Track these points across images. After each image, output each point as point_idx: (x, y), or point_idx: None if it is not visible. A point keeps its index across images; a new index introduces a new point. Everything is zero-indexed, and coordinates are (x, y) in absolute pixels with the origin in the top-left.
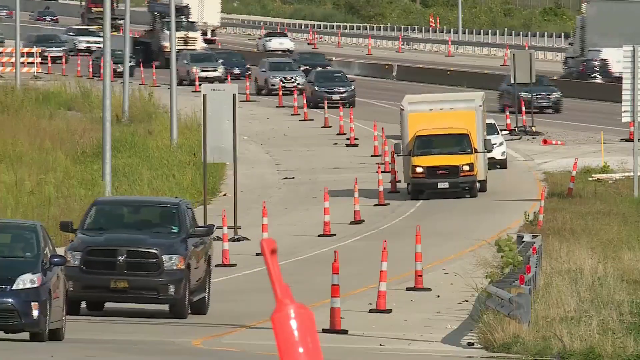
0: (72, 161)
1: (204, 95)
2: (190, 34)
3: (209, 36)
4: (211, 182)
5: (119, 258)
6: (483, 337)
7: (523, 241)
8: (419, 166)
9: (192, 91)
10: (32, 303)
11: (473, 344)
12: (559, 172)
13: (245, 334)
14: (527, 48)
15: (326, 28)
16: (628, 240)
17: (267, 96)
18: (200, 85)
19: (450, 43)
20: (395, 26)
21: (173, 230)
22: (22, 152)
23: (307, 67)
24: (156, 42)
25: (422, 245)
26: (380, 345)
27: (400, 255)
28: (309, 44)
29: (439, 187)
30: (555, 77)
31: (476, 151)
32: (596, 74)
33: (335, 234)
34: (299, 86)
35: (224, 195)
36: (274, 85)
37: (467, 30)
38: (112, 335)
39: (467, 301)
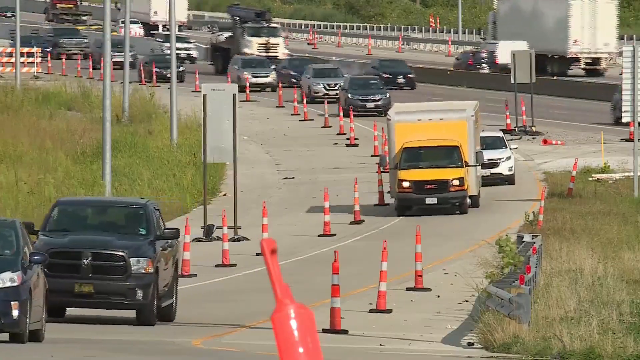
0: (72, 161)
1: (204, 95)
2: (272, 40)
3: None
4: (211, 182)
5: (84, 261)
6: (483, 337)
7: (523, 241)
8: (405, 180)
9: (192, 91)
10: (12, 302)
11: (473, 344)
12: (559, 172)
13: (245, 334)
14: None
15: (326, 28)
16: (628, 240)
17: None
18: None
19: (450, 43)
20: (395, 26)
21: (140, 232)
22: (22, 152)
23: (389, 76)
24: (236, 48)
25: (422, 245)
26: (380, 345)
27: (400, 255)
28: (309, 44)
29: (426, 202)
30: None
31: (467, 164)
32: (483, 65)
33: (335, 234)
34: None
35: (224, 195)
36: (317, 92)
37: (467, 30)
38: (112, 335)
39: (467, 301)
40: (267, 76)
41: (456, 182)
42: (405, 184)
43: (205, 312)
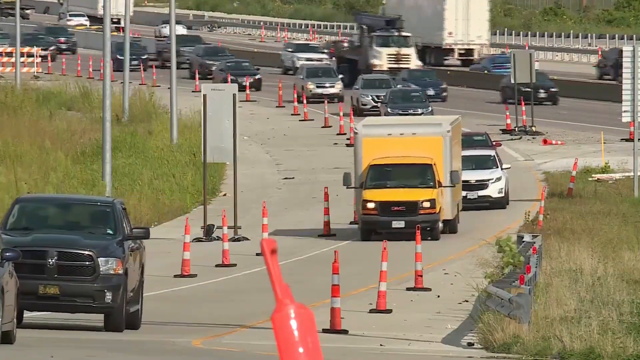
0: (72, 161)
1: (204, 95)
2: (403, 51)
3: None
4: (211, 182)
5: (49, 261)
6: (483, 337)
7: (523, 241)
8: (370, 201)
9: (192, 91)
10: None
11: (473, 344)
12: (559, 172)
13: (245, 334)
14: (527, 48)
15: (326, 28)
16: (628, 240)
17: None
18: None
19: None
20: None
21: (108, 232)
22: (22, 152)
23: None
24: (364, 59)
25: (422, 246)
26: (380, 345)
27: (400, 255)
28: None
29: (393, 226)
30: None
31: (441, 185)
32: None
33: (335, 234)
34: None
35: (224, 195)
36: (364, 105)
37: None
38: (112, 335)
39: (467, 301)
40: (332, 86)
41: (427, 204)
42: (370, 205)
43: (205, 312)
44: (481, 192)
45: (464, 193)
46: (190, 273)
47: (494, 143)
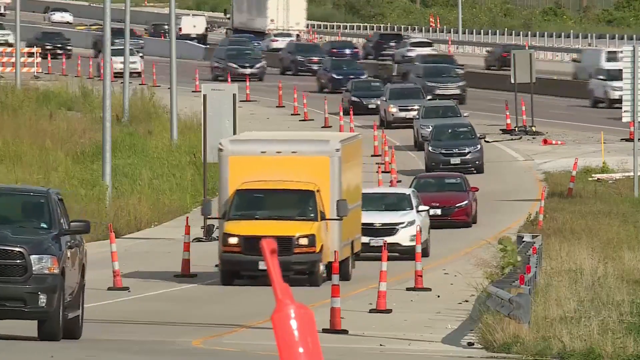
0: (72, 161)
1: (204, 95)
2: None
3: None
4: (211, 182)
5: None
6: (483, 337)
7: (523, 241)
8: (233, 235)
9: (192, 91)
10: None
11: (473, 344)
12: (559, 172)
13: (245, 334)
14: (527, 48)
15: (326, 28)
16: (628, 240)
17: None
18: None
19: (450, 43)
20: (395, 26)
21: (42, 226)
22: (22, 152)
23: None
24: None
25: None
26: (380, 345)
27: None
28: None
29: (260, 268)
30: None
31: (324, 218)
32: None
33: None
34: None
35: None
36: (392, 114)
37: (467, 30)
38: (112, 335)
39: (467, 301)
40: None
41: (304, 241)
42: (233, 241)
43: (205, 312)
44: (388, 239)
45: (365, 239)
46: (190, 273)
47: (470, 188)
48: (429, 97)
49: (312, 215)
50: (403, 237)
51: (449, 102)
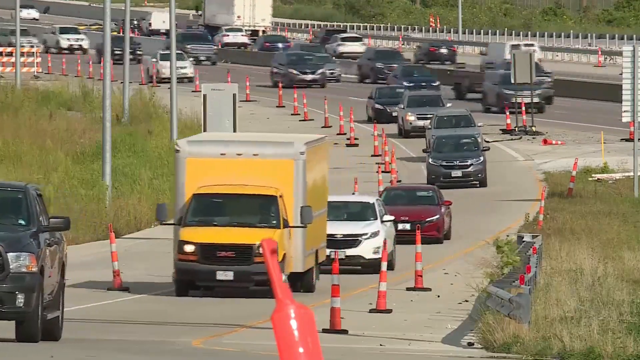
0: (72, 161)
1: (204, 95)
2: None
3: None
4: None
5: None
6: (483, 337)
7: (523, 241)
8: (189, 242)
9: (192, 91)
10: None
11: (473, 344)
12: (559, 172)
13: (245, 334)
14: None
15: (326, 28)
16: (628, 240)
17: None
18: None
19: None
20: (395, 26)
21: (20, 222)
22: (22, 152)
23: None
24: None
25: (422, 245)
26: (380, 345)
27: (400, 255)
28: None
29: (218, 278)
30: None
31: (287, 225)
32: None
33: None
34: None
35: None
36: (410, 122)
37: (467, 30)
38: (112, 335)
39: (467, 301)
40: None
41: None
42: (189, 248)
43: (205, 312)
44: (350, 252)
45: (326, 251)
46: None
47: (443, 202)
48: (449, 105)
49: (274, 222)
50: (366, 249)
51: (463, 112)
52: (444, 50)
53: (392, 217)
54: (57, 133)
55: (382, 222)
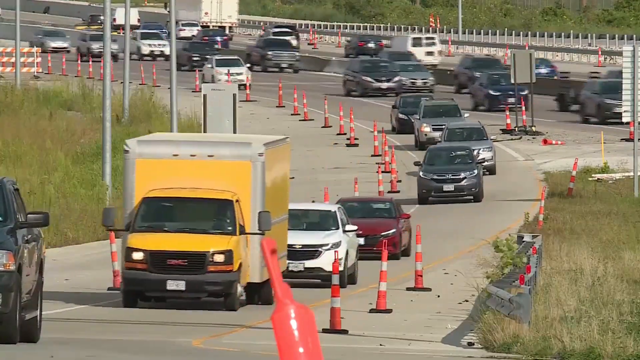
0: (72, 161)
1: (204, 95)
2: None
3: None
4: None
5: None
6: (483, 337)
7: (523, 241)
8: (137, 250)
9: (192, 91)
10: None
11: (473, 344)
12: (559, 172)
13: (245, 334)
14: (527, 48)
15: (326, 28)
16: (628, 240)
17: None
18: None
19: (450, 43)
20: (395, 26)
21: None
22: (22, 152)
23: None
24: None
25: (422, 245)
26: (380, 345)
27: (400, 255)
28: (309, 44)
29: (168, 288)
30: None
31: (243, 232)
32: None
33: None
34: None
35: None
36: (426, 135)
37: (467, 30)
38: (111, 335)
39: (467, 301)
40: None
41: (219, 258)
42: (137, 256)
43: (205, 312)
44: (310, 263)
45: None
46: None
47: (400, 215)
48: (466, 115)
49: (229, 228)
50: (326, 261)
51: (476, 124)
52: (371, 45)
53: (355, 227)
54: (57, 133)
55: (345, 231)
